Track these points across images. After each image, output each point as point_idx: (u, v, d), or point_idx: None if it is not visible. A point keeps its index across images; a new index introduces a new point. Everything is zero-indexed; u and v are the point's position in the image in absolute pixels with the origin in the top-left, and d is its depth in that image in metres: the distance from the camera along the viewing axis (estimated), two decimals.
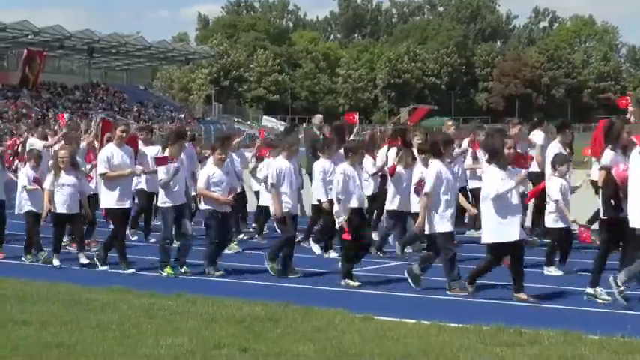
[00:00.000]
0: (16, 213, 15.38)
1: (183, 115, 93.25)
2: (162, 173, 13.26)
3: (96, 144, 15.98)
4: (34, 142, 18.02)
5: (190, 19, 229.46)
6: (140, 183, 16.27)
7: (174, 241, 13.72)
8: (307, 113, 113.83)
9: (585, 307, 10.56)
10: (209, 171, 13.36)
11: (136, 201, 16.48)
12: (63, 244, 14.80)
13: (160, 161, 13.34)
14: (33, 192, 14.75)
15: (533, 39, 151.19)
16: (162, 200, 13.33)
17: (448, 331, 8.93)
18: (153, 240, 16.22)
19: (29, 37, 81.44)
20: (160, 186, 13.37)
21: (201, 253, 13.48)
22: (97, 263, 13.75)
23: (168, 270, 13.09)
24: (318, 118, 19.07)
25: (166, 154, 13.37)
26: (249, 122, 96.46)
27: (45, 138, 18.23)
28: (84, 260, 14.01)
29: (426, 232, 11.70)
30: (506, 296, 11.05)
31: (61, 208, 14.03)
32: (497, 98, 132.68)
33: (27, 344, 8.29)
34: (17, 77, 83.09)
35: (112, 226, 14.60)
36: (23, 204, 14.96)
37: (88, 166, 15.85)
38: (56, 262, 14.01)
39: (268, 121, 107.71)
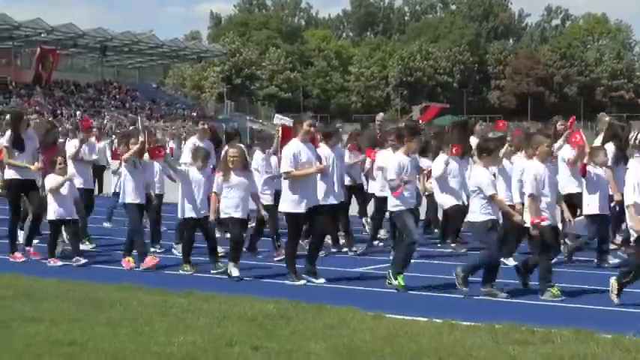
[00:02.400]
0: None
1: (195, 114, 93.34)
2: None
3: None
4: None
5: (202, 17, 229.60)
6: None
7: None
8: (319, 111, 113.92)
9: (598, 305, 10.53)
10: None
11: None
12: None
13: None
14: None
15: (545, 37, 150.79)
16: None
17: (460, 329, 8.91)
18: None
19: (42, 35, 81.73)
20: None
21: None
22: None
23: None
24: (380, 116, 19.02)
25: None
26: (261, 120, 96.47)
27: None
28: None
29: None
30: (518, 295, 11.02)
31: (233, 212, 12.86)
32: (509, 96, 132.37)
33: (38, 342, 8.29)
34: (30, 75, 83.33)
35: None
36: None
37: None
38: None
39: (280, 119, 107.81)
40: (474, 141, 15.03)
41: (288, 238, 12.68)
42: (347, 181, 15.37)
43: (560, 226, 12.52)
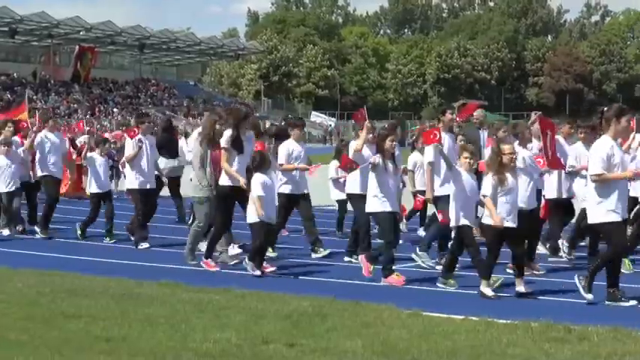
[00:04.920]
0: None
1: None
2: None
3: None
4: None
5: (240, 15, 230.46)
6: None
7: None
8: (356, 109, 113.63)
9: (635, 303, 10.46)
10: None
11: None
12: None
13: None
14: None
15: (584, 33, 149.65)
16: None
17: (496, 327, 8.88)
18: None
19: (81, 33, 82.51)
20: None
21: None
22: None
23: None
24: (479, 112, 18.49)
25: None
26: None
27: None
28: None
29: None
30: (555, 293, 10.97)
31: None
32: (547, 93, 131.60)
33: (77, 338, 8.38)
34: (69, 73, 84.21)
35: None
36: None
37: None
38: None
39: (317, 117, 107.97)
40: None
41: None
42: None
43: None
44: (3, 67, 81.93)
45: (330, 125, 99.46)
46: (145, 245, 15.49)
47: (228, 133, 13.44)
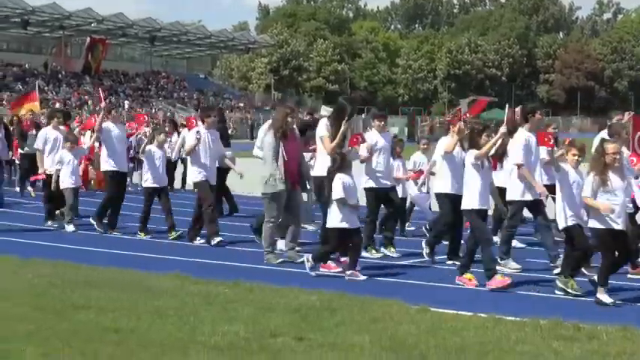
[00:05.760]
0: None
1: (242, 104, 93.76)
2: None
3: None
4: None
5: (251, 8, 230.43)
6: None
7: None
8: (366, 103, 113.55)
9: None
10: None
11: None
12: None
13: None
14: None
15: (596, 31, 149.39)
16: None
17: (505, 324, 8.87)
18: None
19: (92, 24, 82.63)
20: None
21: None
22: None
23: None
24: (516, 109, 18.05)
25: None
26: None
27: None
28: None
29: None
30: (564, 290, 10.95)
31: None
32: (558, 90, 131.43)
33: (86, 329, 8.41)
34: (80, 65, 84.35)
35: None
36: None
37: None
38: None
39: (327, 111, 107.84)
40: None
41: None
42: None
43: None
44: (15, 57, 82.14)
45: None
46: (217, 239, 14.87)
47: (324, 121, 13.59)
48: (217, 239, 14.87)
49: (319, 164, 13.75)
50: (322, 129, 13.54)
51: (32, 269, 11.86)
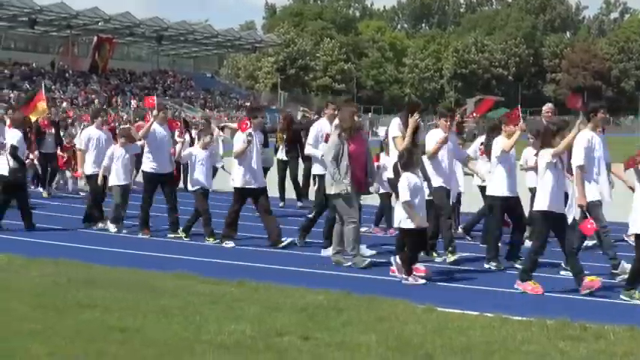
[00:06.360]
0: None
1: (249, 103, 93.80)
2: None
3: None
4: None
5: (257, 7, 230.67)
6: None
7: None
8: (373, 103, 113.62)
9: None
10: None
11: None
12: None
13: None
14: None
15: (603, 30, 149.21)
16: None
17: (511, 324, 8.85)
18: None
19: (99, 24, 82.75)
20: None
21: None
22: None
23: None
24: (549, 106, 17.68)
25: None
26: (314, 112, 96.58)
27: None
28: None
29: None
30: (572, 290, 10.92)
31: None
32: (565, 90, 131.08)
33: (91, 328, 8.40)
34: (87, 64, 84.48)
35: None
36: None
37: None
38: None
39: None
40: None
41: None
42: None
43: None
44: (22, 57, 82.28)
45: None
46: (230, 244, 14.76)
47: (396, 122, 13.05)
48: (230, 244, 14.75)
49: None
50: (395, 129, 13.03)
51: (37, 268, 11.87)
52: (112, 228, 16.41)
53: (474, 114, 26.63)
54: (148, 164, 16.07)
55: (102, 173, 16.54)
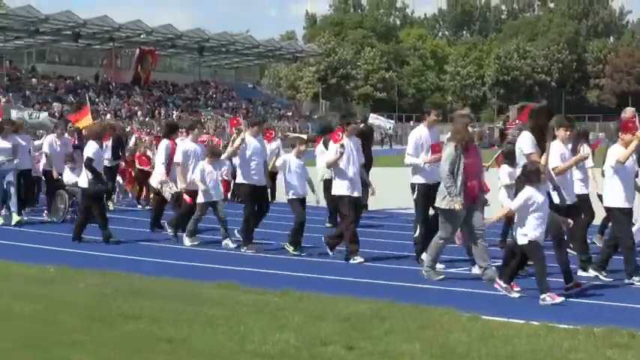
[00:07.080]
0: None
1: (290, 113, 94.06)
2: None
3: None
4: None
5: (298, 18, 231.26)
6: None
7: None
8: (414, 111, 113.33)
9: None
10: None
11: None
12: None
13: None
14: None
15: None
16: None
17: (558, 332, 8.77)
18: None
19: (142, 36, 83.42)
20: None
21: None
22: None
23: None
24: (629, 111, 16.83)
25: None
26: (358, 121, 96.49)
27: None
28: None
29: None
30: (619, 298, 10.81)
31: None
32: (609, 95, 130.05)
33: (137, 339, 8.45)
34: (130, 76, 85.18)
35: None
36: None
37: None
38: None
39: (375, 119, 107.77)
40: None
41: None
42: None
43: None
44: (67, 70, 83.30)
45: (389, 128, 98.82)
46: (358, 259, 14.16)
47: (527, 135, 12.05)
48: (358, 259, 14.16)
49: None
50: (528, 145, 12.02)
51: (84, 279, 11.98)
52: (187, 241, 16.34)
53: (517, 121, 26.51)
54: (244, 177, 15.70)
55: (186, 187, 16.84)
